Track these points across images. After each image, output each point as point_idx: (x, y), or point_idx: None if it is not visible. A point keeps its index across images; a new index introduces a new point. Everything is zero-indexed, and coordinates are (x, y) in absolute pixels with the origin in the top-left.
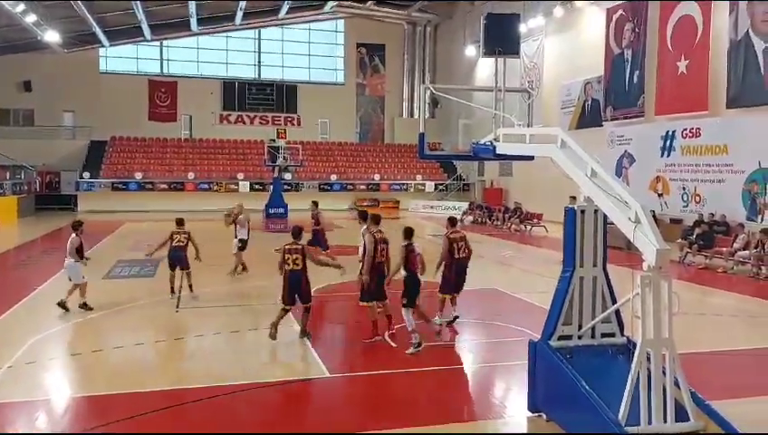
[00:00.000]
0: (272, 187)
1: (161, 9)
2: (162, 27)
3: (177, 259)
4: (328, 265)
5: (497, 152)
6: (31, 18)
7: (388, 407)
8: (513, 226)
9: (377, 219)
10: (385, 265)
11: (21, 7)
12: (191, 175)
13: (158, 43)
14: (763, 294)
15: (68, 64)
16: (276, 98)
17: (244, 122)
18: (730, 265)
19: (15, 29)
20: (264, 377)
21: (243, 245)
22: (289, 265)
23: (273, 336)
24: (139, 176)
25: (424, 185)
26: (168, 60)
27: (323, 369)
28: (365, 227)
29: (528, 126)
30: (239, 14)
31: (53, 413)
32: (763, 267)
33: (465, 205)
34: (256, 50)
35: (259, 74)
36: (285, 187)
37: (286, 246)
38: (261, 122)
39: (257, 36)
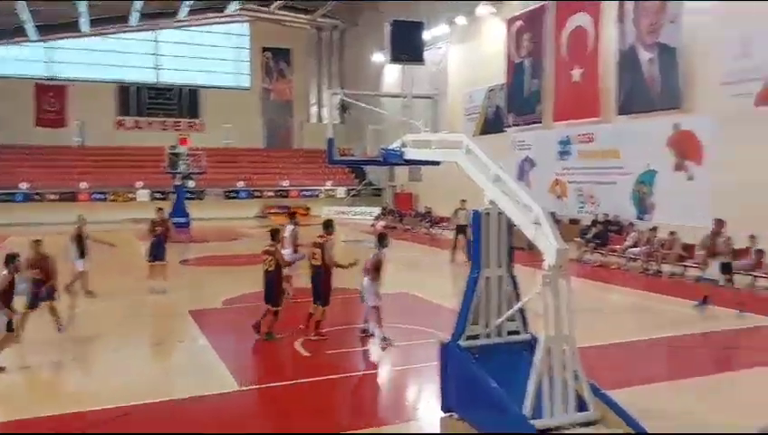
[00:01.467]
0: (173, 195)
1: (48, 8)
2: (49, 28)
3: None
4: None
5: (406, 158)
6: None
7: (301, 416)
8: (424, 229)
9: (325, 224)
10: (322, 269)
11: None
12: (84, 184)
13: (44, 45)
14: (653, 287)
15: None
16: (177, 102)
17: (142, 128)
18: (623, 262)
19: None
20: (172, 394)
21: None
22: (264, 266)
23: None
24: (25, 186)
25: (335, 191)
26: (57, 62)
27: (233, 382)
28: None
29: (434, 132)
30: (135, 15)
31: None
32: (652, 263)
33: (376, 210)
34: (155, 52)
35: (158, 78)
36: (188, 195)
37: (264, 248)
38: (161, 128)
39: (155, 38)
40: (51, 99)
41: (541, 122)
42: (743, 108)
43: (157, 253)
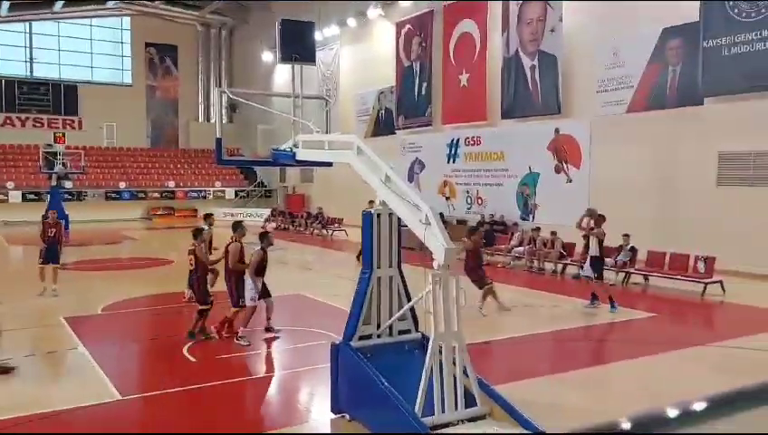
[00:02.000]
0: (49, 196)
1: None
2: None
3: None
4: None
5: (297, 158)
6: None
7: (187, 424)
8: (316, 231)
9: (234, 226)
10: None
11: None
12: None
13: None
14: (536, 285)
15: None
16: (53, 98)
17: (13, 125)
18: (508, 261)
19: None
20: (40, 407)
21: None
22: (190, 266)
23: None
24: None
25: (224, 192)
26: None
27: (113, 391)
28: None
29: (326, 133)
30: (5, 5)
31: None
32: (535, 261)
33: (267, 211)
34: (27, 45)
35: (31, 72)
36: (66, 196)
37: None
38: (35, 125)
39: (28, 30)
40: None
41: (430, 125)
42: (616, 114)
43: (49, 255)
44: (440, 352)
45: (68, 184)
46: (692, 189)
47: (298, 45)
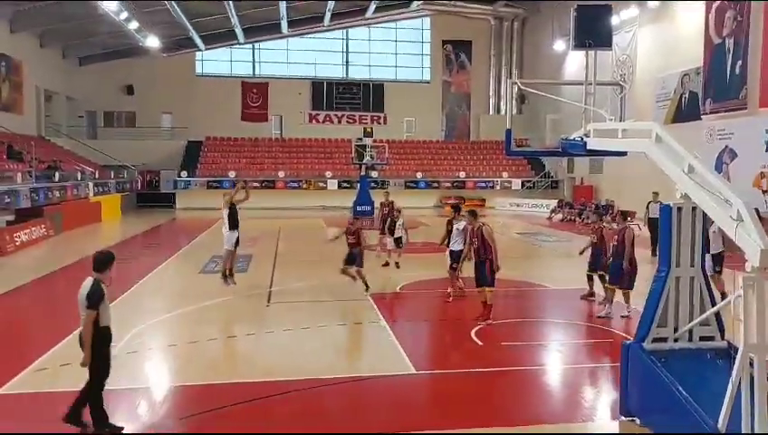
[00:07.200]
0: (359, 184)
1: (254, 12)
2: (254, 30)
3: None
4: None
5: (588, 148)
6: (133, 25)
7: (474, 405)
8: (605, 224)
9: (473, 213)
10: (477, 253)
11: (124, 15)
12: (281, 173)
13: (250, 46)
14: None
15: (166, 68)
16: (363, 97)
17: (332, 121)
18: None
19: (119, 35)
20: (350, 372)
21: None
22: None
23: None
24: (232, 174)
25: (510, 182)
26: (259, 62)
27: (409, 365)
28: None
29: (620, 121)
30: (327, 15)
31: (152, 401)
32: None
33: (553, 202)
34: (344, 50)
35: (347, 74)
36: (372, 184)
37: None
38: (348, 121)
39: (345, 36)
40: (254, 95)
41: (745, 108)
42: None
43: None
44: (751, 364)
45: (374, 174)
46: None
47: (593, 31)
